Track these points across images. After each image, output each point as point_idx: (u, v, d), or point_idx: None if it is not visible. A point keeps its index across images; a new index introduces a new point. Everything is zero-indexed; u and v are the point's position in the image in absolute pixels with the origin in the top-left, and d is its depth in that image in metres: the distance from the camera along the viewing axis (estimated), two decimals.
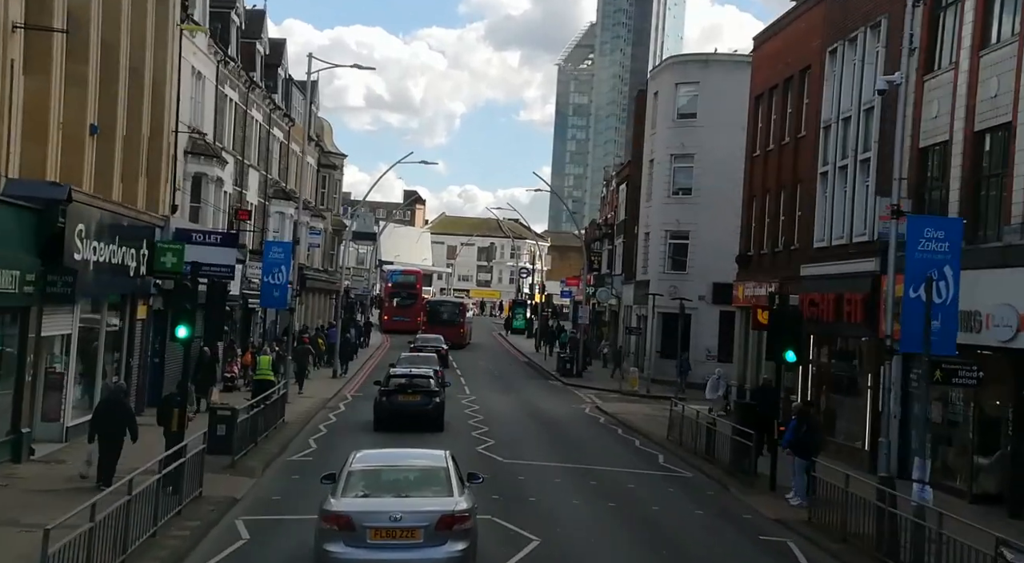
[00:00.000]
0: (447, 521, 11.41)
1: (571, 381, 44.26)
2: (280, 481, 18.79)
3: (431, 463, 12.86)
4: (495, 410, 31.23)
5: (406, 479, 12.48)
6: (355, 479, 12.18)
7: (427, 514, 11.45)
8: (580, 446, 24.84)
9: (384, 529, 11.31)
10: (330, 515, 11.53)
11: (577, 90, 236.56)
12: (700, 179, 43.97)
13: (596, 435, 27.26)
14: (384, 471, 12.67)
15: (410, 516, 11.40)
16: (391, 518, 11.36)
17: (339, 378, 39.49)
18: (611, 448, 24.90)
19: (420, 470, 12.72)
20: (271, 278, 30.32)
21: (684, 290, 43.49)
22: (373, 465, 12.79)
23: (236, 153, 37.84)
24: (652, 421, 30.35)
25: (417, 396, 26.00)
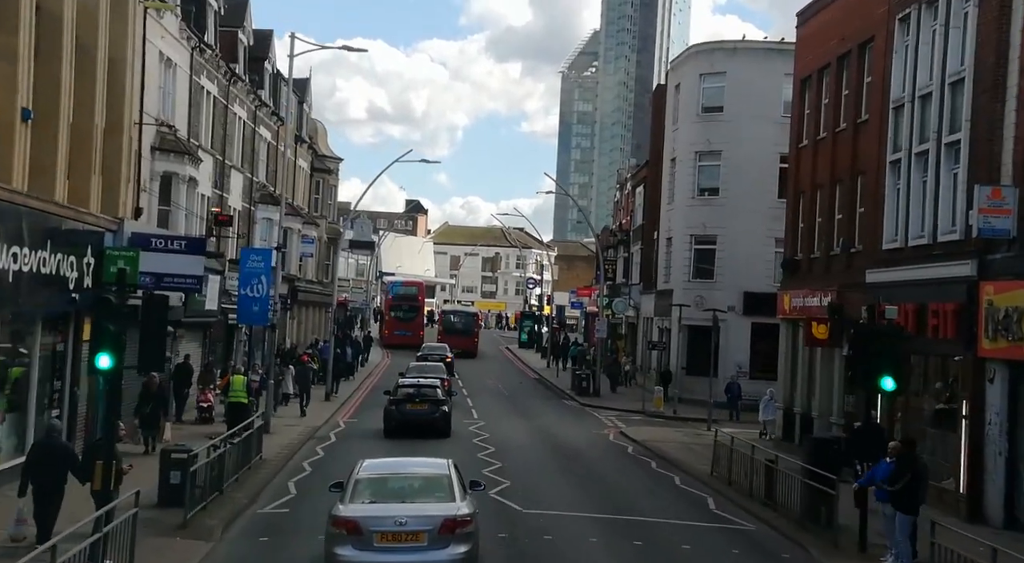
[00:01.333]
0: (450, 525, 11.91)
1: (587, 400, 40.32)
2: (243, 546, 14.88)
3: (434, 471, 13.45)
4: (508, 440, 27.31)
5: (410, 486, 13.00)
6: (362, 486, 12.75)
7: (431, 519, 11.98)
8: (612, 487, 20.89)
9: (390, 533, 11.86)
10: (339, 520, 12.11)
11: (581, 98, 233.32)
12: (728, 178, 40.10)
13: (628, 471, 23.31)
14: (390, 479, 13.27)
15: (414, 520, 11.94)
16: (396, 523, 11.92)
17: (332, 400, 35.56)
18: (649, 489, 20.94)
19: (424, 477, 13.28)
20: (249, 290, 26.47)
21: (711, 300, 39.56)
22: (379, 473, 13.38)
23: (215, 152, 34.03)
24: (689, 452, 26.40)
25: (425, 405, 27.09)
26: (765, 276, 39.56)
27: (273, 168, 43.75)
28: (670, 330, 42.22)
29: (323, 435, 27.14)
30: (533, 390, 45.46)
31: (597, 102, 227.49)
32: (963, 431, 18.35)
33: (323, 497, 17.84)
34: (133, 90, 25.49)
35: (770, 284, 39.47)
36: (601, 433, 30.76)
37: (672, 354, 41.05)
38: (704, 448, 27.10)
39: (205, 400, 26.71)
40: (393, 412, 27.08)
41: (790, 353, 28.09)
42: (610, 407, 38.54)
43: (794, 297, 26.84)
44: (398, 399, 27.32)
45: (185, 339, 29.21)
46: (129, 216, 25.42)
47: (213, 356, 32.62)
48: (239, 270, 27.05)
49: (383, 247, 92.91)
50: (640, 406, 38.16)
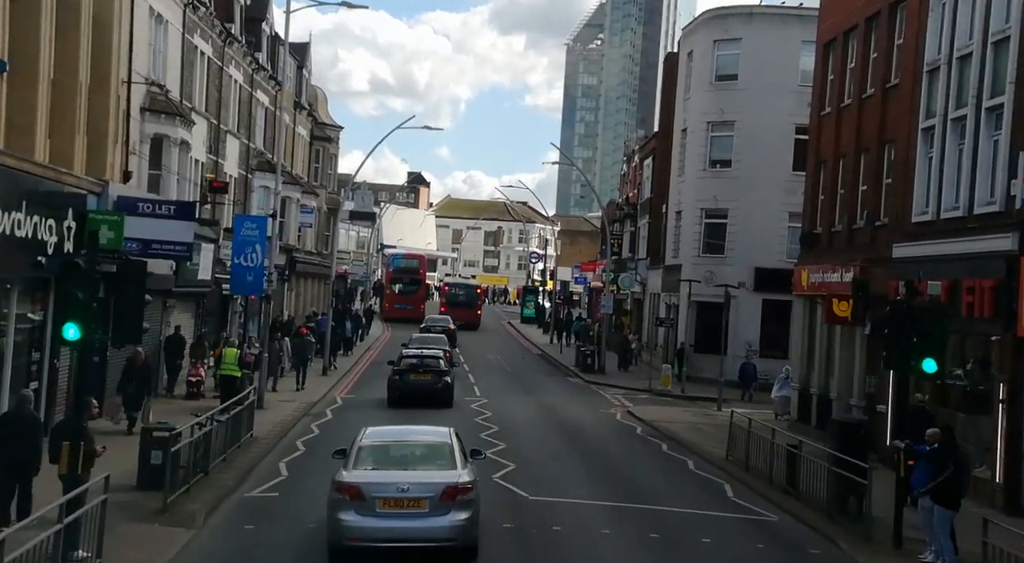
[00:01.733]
0: (451, 492, 12.06)
1: (592, 378, 39.17)
2: (226, 534, 13.74)
3: (436, 439, 13.53)
4: (512, 419, 26.17)
5: (413, 453, 13.14)
6: (365, 453, 12.86)
7: (432, 485, 12.12)
8: (623, 471, 19.76)
9: (392, 499, 12.00)
10: (342, 485, 12.20)
11: (586, 71, 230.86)
12: (741, 150, 38.73)
13: (638, 453, 22.17)
14: (392, 446, 13.36)
15: (416, 487, 12.08)
16: (399, 489, 12.04)
17: (330, 375, 34.42)
18: (662, 474, 19.80)
19: (426, 445, 13.36)
20: (243, 260, 25.26)
21: (722, 276, 38.24)
22: (382, 441, 13.49)
23: (210, 116, 32.69)
24: (700, 433, 25.27)
25: (428, 375, 27.67)
26: (778, 252, 38.33)
27: (271, 135, 42.39)
28: (678, 306, 41.00)
29: (319, 411, 26.01)
30: (536, 366, 44.33)
31: (602, 75, 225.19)
32: (1000, 416, 17.15)
33: (316, 479, 16.84)
34: (120, 46, 24.18)
35: (783, 260, 38.28)
36: (608, 412, 29.62)
37: (679, 331, 39.84)
38: (716, 429, 25.98)
39: (196, 374, 25.56)
40: (397, 382, 27.62)
41: (806, 331, 26.89)
42: (616, 385, 37.40)
43: (812, 273, 25.60)
44: (402, 369, 27.90)
45: (177, 310, 28.01)
46: (117, 179, 24.18)
47: (207, 328, 31.41)
48: (232, 238, 25.78)
49: (384, 220, 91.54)
50: (647, 384, 37.01)
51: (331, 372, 34.93)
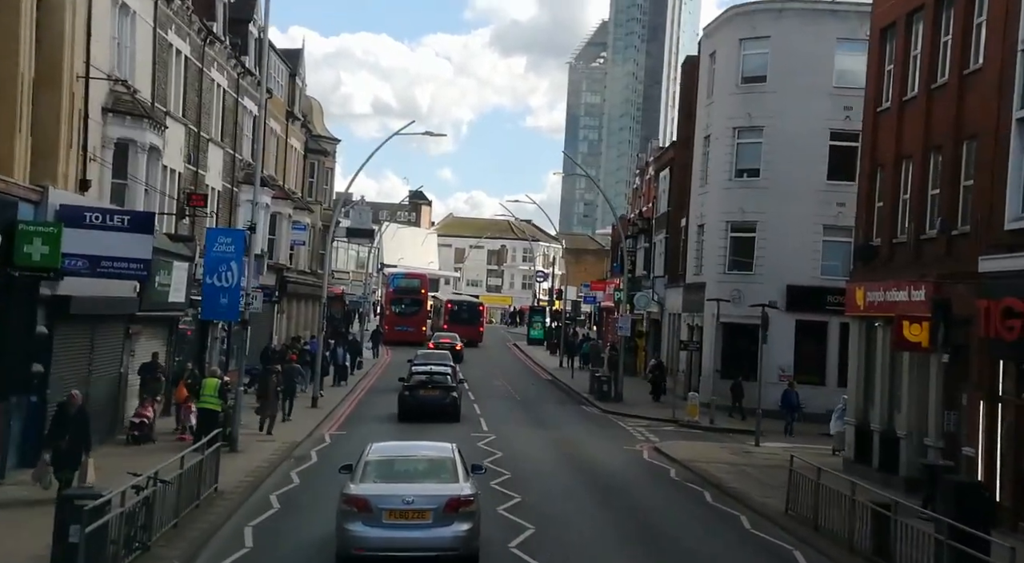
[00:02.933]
0: (454, 504, 12.64)
1: (609, 406, 35.76)
2: None
3: (439, 454, 14.14)
4: (525, 461, 22.77)
5: (416, 468, 13.71)
6: (371, 468, 13.51)
7: (436, 498, 12.70)
8: (667, 532, 16.36)
9: (398, 511, 12.58)
10: (350, 498, 12.82)
11: (589, 89, 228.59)
12: (770, 157, 35.48)
13: (680, 507, 18.74)
14: (397, 461, 13.94)
15: (421, 499, 12.67)
16: (404, 501, 12.64)
17: (319, 407, 31.02)
18: (714, 536, 16.35)
19: (429, 460, 13.98)
20: (216, 279, 21.92)
21: (751, 295, 34.95)
22: (387, 455, 14.08)
23: (188, 122, 29.51)
24: (745, 477, 21.86)
25: (437, 391, 28.97)
26: (811, 268, 35.11)
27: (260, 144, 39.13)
28: (702, 328, 37.66)
29: (302, 454, 22.58)
30: (547, 393, 40.92)
31: (605, 93, 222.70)
32: None
33: (290, 548, 13.52)
34: (75, 36, 21.06)
35: (817, 277, 35.11)
36: (633, 449, 26.21)
37: (705, 355, 36.46)
38: (761, 471, 22.62)
39: (143, 414, 21.74)
40: (407, 397, 28.99)
41: (862, 357, 23.51)
42: (636, 415, 33.99)
43: (871, 290, 22.26)
44: (412, 385, 29.29)
45: (144, 337, 24.69)
46: (71, 188, 21.00)
47: (180, 356, 28.11)
48: (204, 255, 22.47)
49: (385, 238, 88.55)
50: (671, 414, 33.66)
51: (321, 403, 31.51)
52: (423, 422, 27.14)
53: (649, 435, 29.19)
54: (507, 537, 14.83)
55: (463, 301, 70.63)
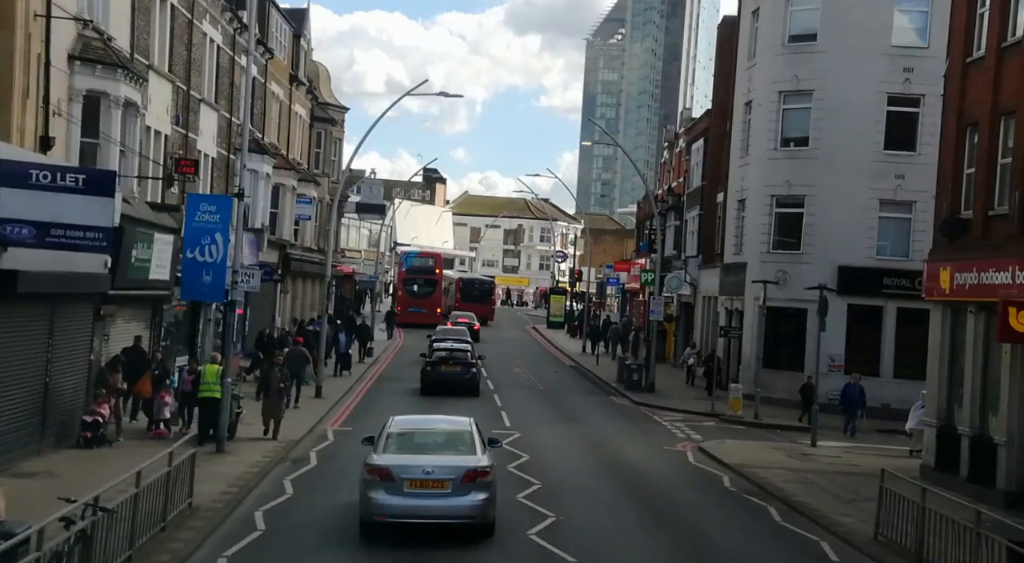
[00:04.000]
0: (471, 475, 13.28)
1: (641, 398, 32.66)
2: None
3: (458, 427, 14.81)
4: (556, 466, 19.75)
5: (436, 440, 14.37)
6: (393, 439, 14.09)
7: (454, 468, 13.31)
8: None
9: (418, 480, 13.20)
10: (373, 468, 13.41)
11: (607, 66, 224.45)
12: (820, 125, 32.17)
13: (745, 528, 15.62)
14: (417, 433, 14.60)
15: (440, 470, 13.28)
16: (424, 471, 13.28)
17: (324, 397, 28.04)
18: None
19: (448, 433, 14.64)
20: (198, 253, 18.88)
21: (797, 276, 31.85)
22: (408, 428, 14.72)
23: (176, 78, 26.41)
24: (811, 486, 18.77)
25: (457, 367, 30.18)
26: (866, 247, 31.91)
27: (262, 109, 36.14)
28: (742, 312, 34.48)
29: (300, 456, 19.55)
30: (572, 382, 37.84)
31: (623, 71, 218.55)
32: None
33: None
34: None
35: (871, 257, 31.95)
36: (675, 450, 23.13)
37: (745, 342, 33.29)
38: (829, 480, 19.54)
39: (96, 412, 18.29)
40: (429, 372, 30.17)
41: (947, 349, 20.28)
42: (671, 408, 30.90)
43: (960, 271, 19.04)
44: (434, 361, 30.45)
45: (121, 319, 21.71)
46: (32, 146, 18.02)
47: (168, 341, 25.16)
48: (184, 225, 19.38)
49: (398, 217, 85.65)
50: (710, 407, 30.58)
51: (326, 393, 28.51)
52: (444, 396, 28.27)
53: (689, 432, 26.11)
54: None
55: (475, 279, 69.63)
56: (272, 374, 20.81)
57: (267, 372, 21.02)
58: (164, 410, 19.31)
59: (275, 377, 20.71)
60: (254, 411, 21.54)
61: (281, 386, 20.56)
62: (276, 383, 20.51)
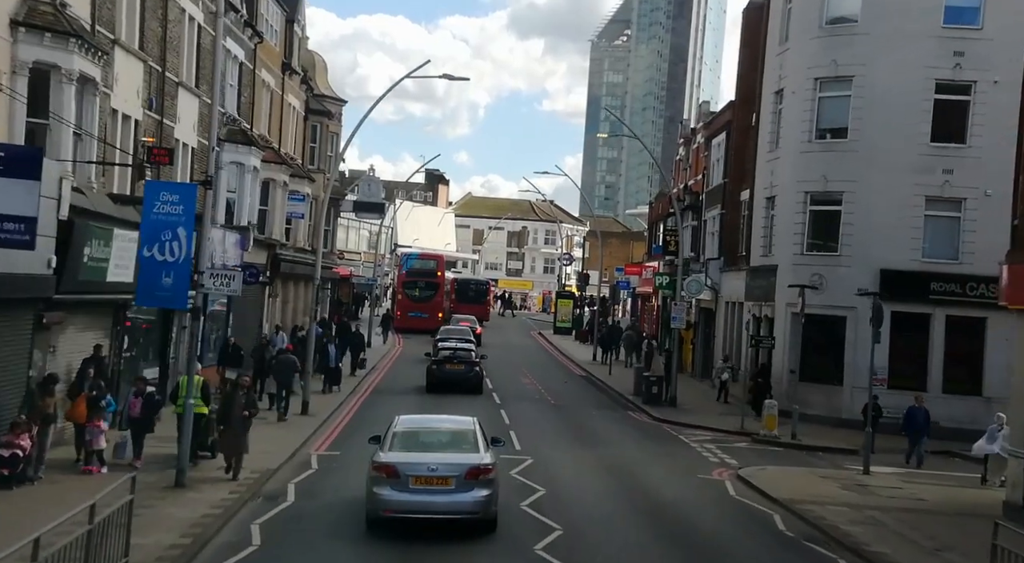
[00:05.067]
0: (474, 472, 13.76)
1: (662, 413, 29.78)
2: None
3: (462, 426, 15.23)
4: (575, 500, 16.93)
5: (440, 439, 14.77)
6: (399, 438, 14.56)
7: (458, 466, 13.77)
8: None
9: (423, 477, 13.67)
10: (380, 465, 13.87)
11: (612, 68, 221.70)
12: (861, 114, 29.30)
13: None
14: (422, 432, 15.05)
15: (444, 467, 13.73)
16: (429, 469, 13.73)
17: (312, 414, 25.14)
18: None
19: (452, 431, 15.04)
20: (157, 251, 15.95)
21: (835, 280, 29.06)
22: (414, 427, 15.20)
23: (148, 57, 23.53)
24: (881, 528, 15.87)
25: (461, 365, 31.15)
26: (911, 249, 29.06)
27: (249, 98, 33.26)
28: (772, 320, 31.58)
29: (275, 491, 16.58)
30: (585, 394, 34.89)
31: (629, 72, 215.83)
32: None
33: None
34: None
35: (917, 259, 29.08)
36: (711, 479, 20.20)
37: (776, 353, 30.37)
38: (900, 520, 16.67)
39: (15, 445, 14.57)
40: (435, 370, 31.20)
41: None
42: (697, 425, 28.01)
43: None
44: (439, 360, 31.55)
45: (73, 328, 18.82)
46: None
47: (133, 352, 22.28)
48: (141, 218, 16.46)
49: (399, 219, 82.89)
50: (738, 424, 27.69)
51: (314, 408, 25.61)
52: (448, 400, 27.99)
53: (723, 455, 23.18)
54: None
55: (470, 280, 68.89)
56: (235, 399, 17.24)
57: (229, 396, 17.39)
58: (98, 440, 16.28)
59: (238, 403, 17.20)
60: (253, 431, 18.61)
61: (246, 414, 16.91)
62: (239, 410, 16.96)
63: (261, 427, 21.53)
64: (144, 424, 17.04)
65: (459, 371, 30.93)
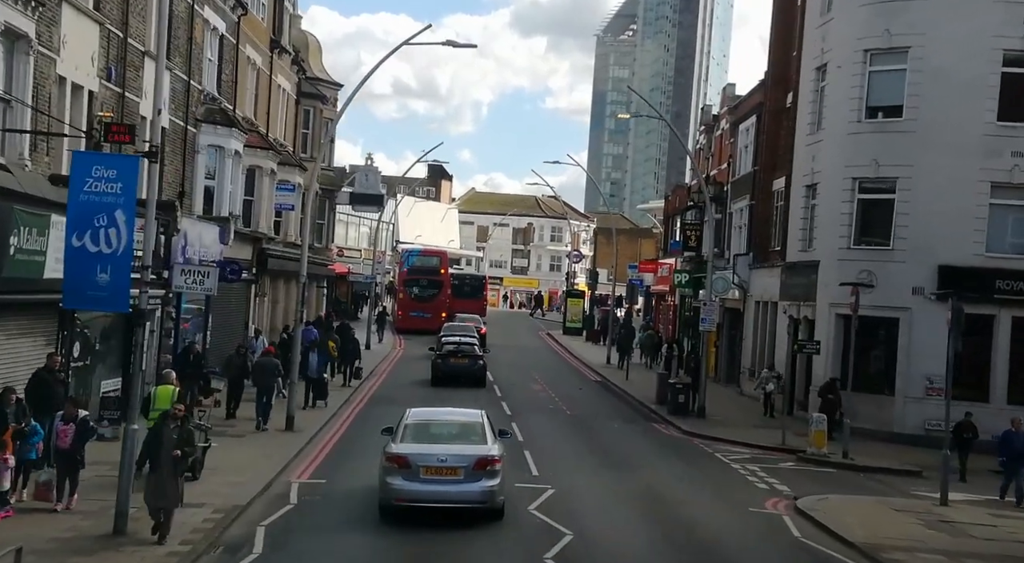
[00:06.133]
0: (482, 463, 14.37)
1: (692, 425, 26.61)
2: None
3: (470, 419, 16.02)
4: (609, 546, 13.69)
5: (450, 431, 15.51)
6: (410, 430, 15.24)
7: (467, 457, 14.42)
8: None
9: (433, 468, 14.33)
10: (392, 456, 14.53)
11: (617, 63, 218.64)
12: (918, 90, 26.04)
13: None
14: (433, 424, 15.79)
15: (453, 458, 14.43)
16: (439, 459, 14.40)
17: (297, 430, 21.92)
18: None
19: (461, 424, 15.88)
20: (90, 241, 12.74)
21: (886, 278, 25.85)
22: (424, 420, 15.88)
23: (105, 19, 20.33)
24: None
25: (465, 359, 32.23)
26: (973, 242, 25.81)
27: (231, 76, 30.04)
28: (811, 321, 28.33)
29: (240, 537, 13.30)
30: (603, 403, 31.64)
31: (635, 67, 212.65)
32: None
33: None
34: None
35: (981, 254, 25.86)
36: (765, 512, 16.97)
37: (818, 358, 27.08)
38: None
39: None
40: (440, 364, 31.79)
41: None
42: (731, 440, 24.82)
43: None
44: (443, 354, 32.21)
45: (2, 334, 15.62)
46: None
47: (87, 360, 19.10)
48: (68, 199, 13.21)
49: (401, 215, 79.69)
50: (778, 439, 24.49)
51: (300, 422, 22.40)
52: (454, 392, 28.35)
53: (770, 479, 19.96)
54: None
55: (465, 274, 65.43)
56: (163, 432, 13.06)
57: (157, 429, 13.23)
58: (3, 478, 13.01)
59: (167, 438, 12.90)
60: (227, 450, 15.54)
61: (177, 453, 12.75)
62: (169, 447, 12.84)
63: (234, 447, 18.36)
64: (73, 458, 13.78)
65: (463, 365, 31.78)
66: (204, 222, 26.12)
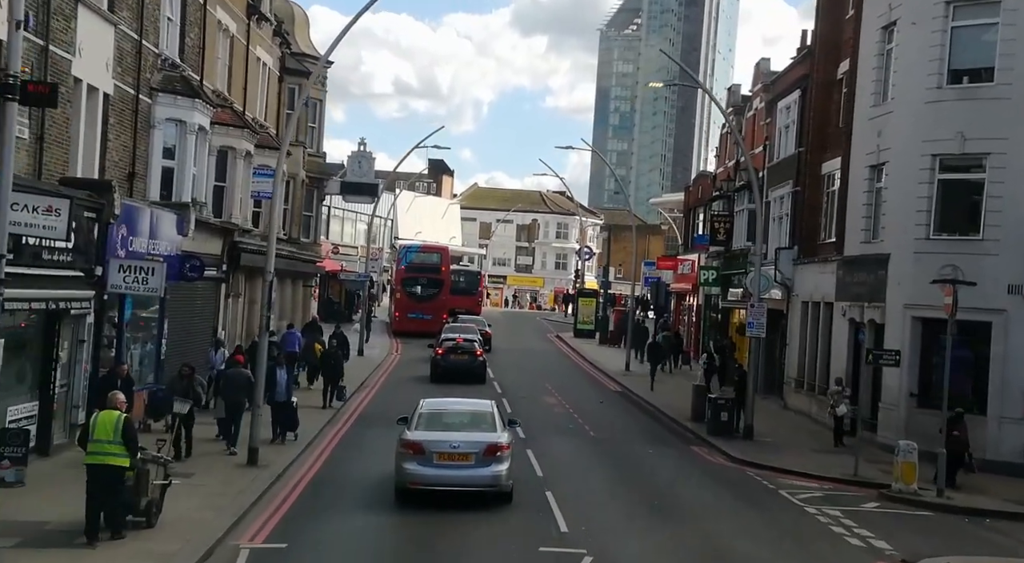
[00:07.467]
0: (492, 449, 15.40)
1: (740, 450, 22.29)
2: None
3: (481, 408, 17.12)
4: None
5: (461, 419, 16.52)
6: (424, 419, 16.25)
7: (477, 443, 15.46)
8: None
9: (446, 453, 15.37)
10: (407, 442, 15.54)
11: (621, 58, 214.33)
12: (1012, 49, 21.65)
13: None
14: (445, 413, 16.77)
15: (465, 445, 15.47)
16: (451, 446, 15.45)
17: (262, 466, 17.54)
18: None
19: (472, 413, 16.89)
20: None
21: (975, 273, 21.35)
22: (437, 409, 16.93)
23: None
24: None
25: (465, 356, 32.23)
26: None
27: (197, 42, 25.67)
28: (880, 326, 23.98)
29: None
30: (629, 420, 27.28)
31: (639, 62, 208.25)
32: None
33: None
34: None
35: None
36: None
37: (893, 370, 22.68)
38: None
39: None
40: (440, 361, 32.16)
41: None
42: (792, 471, 20.51)
43: None
44: (443, 350, 32.44)
45: None
46: None
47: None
48: None
49: (400, 210, 75.48)
50: (849, 468, 20.19)
51: (265, 455, 18.03)
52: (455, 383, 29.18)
53: (860, 530, 15.60)
54: None
55: (459, 270, 61.78)
56: None
57: None
58: None
59: None
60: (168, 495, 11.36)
61: None
62: None
63: (177, 491, 13.96)
64: None
65: (463, 361, 31.78)
66: (158, 208, 21.82)
